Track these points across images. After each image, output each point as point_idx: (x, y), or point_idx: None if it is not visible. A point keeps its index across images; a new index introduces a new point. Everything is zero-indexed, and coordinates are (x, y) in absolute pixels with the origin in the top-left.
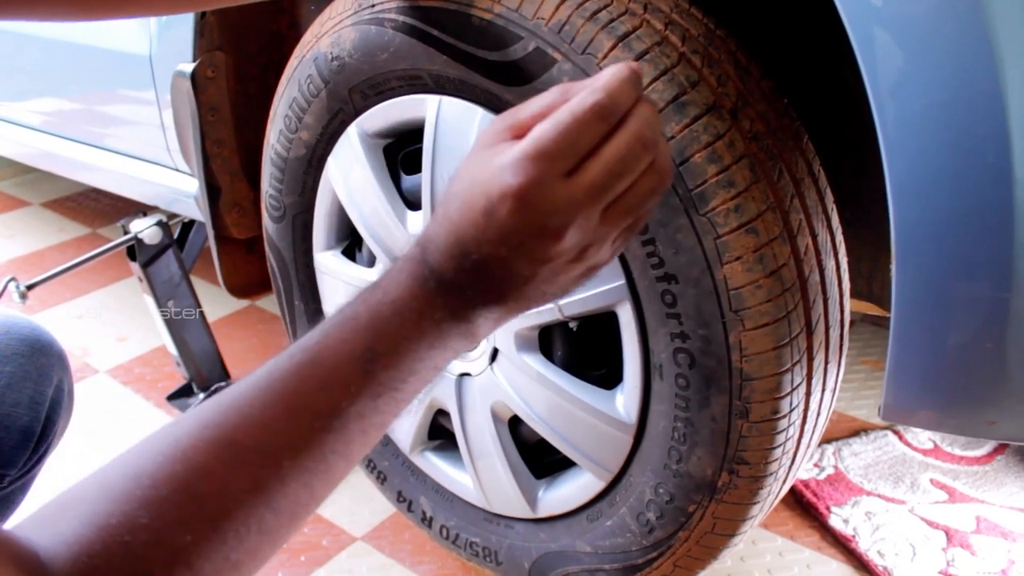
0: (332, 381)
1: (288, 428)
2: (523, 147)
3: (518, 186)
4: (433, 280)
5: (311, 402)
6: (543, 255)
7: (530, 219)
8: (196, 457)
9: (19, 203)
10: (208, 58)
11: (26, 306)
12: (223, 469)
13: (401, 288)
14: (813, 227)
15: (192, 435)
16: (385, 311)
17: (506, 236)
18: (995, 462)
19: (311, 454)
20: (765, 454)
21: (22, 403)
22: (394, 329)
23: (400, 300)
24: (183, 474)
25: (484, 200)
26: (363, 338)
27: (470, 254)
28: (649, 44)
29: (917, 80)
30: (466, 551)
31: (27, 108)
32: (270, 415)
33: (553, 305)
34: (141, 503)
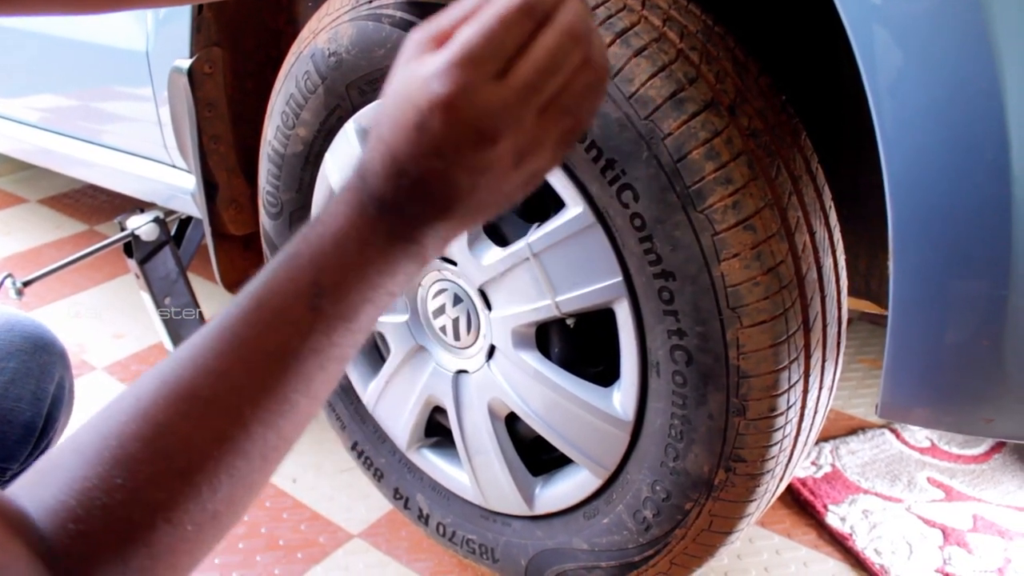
0: (281, 322)
1: (244, 374)
2: (448, 54)
3: (447, 94)
4: (373, 205)
5: (263, 345)
6: (481, 163)
7: (463, 127)
8: (157, 414)
9: (16, 200)
10: (205, 54)
11: (23, 303)
12: (185, 423)
13: (341, 219)
14: (811, 224)
15: (152, 392)
16: (327, 245)
17: (441, 147)
18: (992, 460)
19: (272, 396)
20: (762, 452)
21: (24, 399)
22: (337, 262)
23: (341, 231)
24: (147, 432)
25: (414, 114)
26: (307, 275)
27: (407, 172)
28: (647, 40)
29: (915, 77)
30: (463, 548)
31: (24, 104)
32: (225, 363)
33: (550, 302)
34: (113, 463)
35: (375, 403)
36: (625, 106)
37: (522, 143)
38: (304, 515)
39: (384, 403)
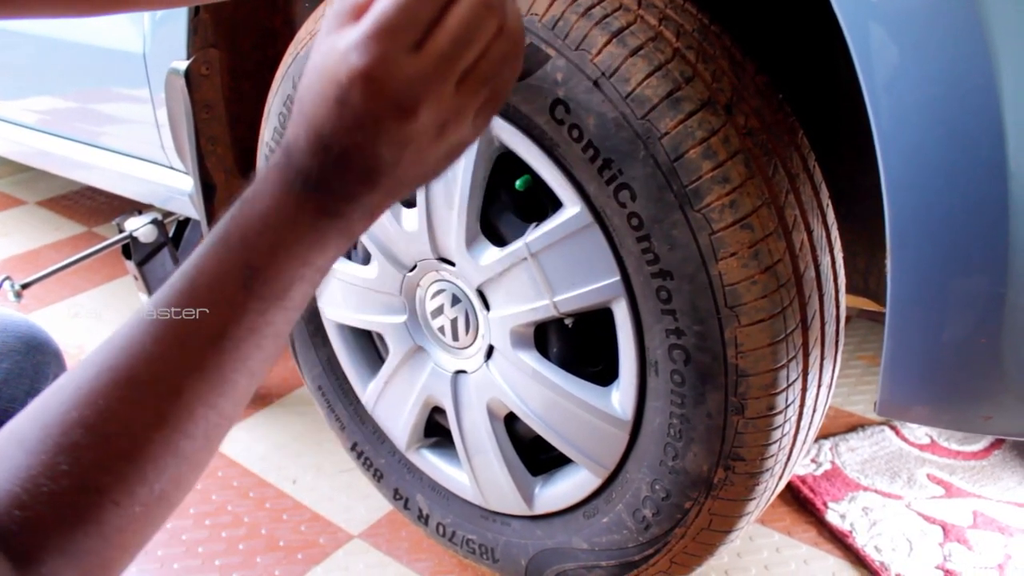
0: (214, 303)
1: (180, 356)
2: (364, 26)
3: (364, 66)
4: (299, 182)
5: (198, 327)
6: (403, 135)
7: (382, 99)
8: (98, 400)
9: (14, 202)
10: (202, 55)
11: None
12: (126, 407)
13: (267, 198)
14: (808, 223)
15: (91, 379)
16: (256, 224)
17: (362, 120)
18: (992, 457)
19: (210, 377)
20: (761, 450)
21: (19, 399)
22: (267, 241)
23: (269, 210)
24: (90, 417)
25: (334, 87)
26: (238, 256)
27: (331, 147)
28: (643, 40)
29: (911, 75)
30: (463, 548)
31: (22, 106)
32: (161, 347)
33: (548, 302)
34: (56, 450)
35: (374, 404)
36: (622, 105)
37: (442, 114)
38: (304, 516)
39: (383, 404)
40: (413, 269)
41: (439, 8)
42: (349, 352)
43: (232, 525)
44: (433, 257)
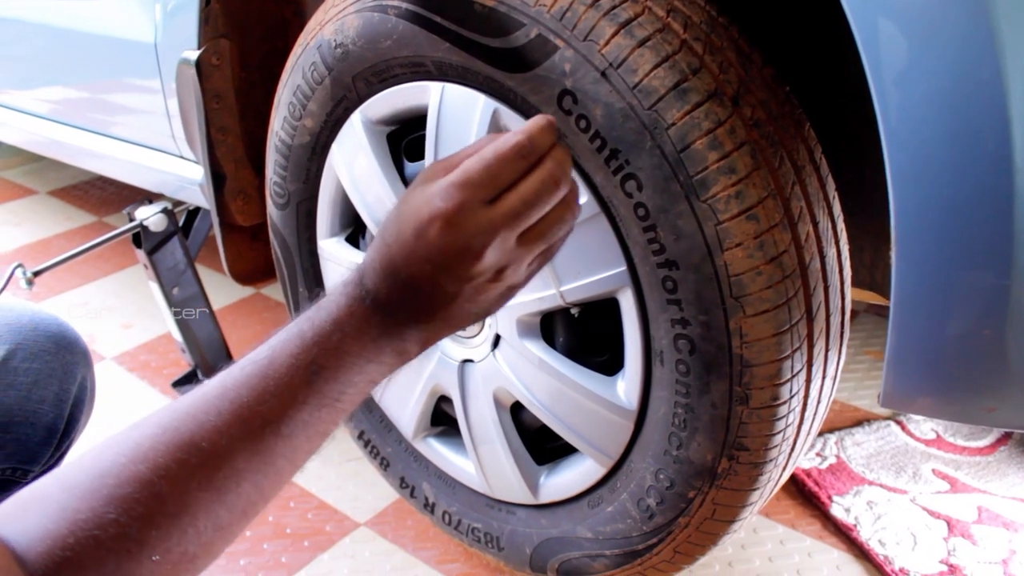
0: (281, 391)
1: (241, 433)
2: (451, 177)
3: (445, 209)
4: (368, 299)
5: (262, 410)
6: (466, 273)
7: (455, 239)
8: (157, 459)
9: (26, 191)
10: (213, 46)
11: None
12: (182, 470)
13: (341, 308)
14: (814, 214)
15: (153, 438)
16: (328, 328)
17: (433, 254)
18: (998, 452)
19: (262, 458)
20: (765, 440)
21: (48, 400)
22: (335, 344)
23: (341, 319)
24: (146, 474)
25: (415, 222)
26: (309, 352)
27: (400, 272)
28: (651, 31)
29: (918, 68)
30: (468, 537)
31: (34, 96)
32: (225, 421)
33: (555, 292)
34: (108, 500)
35: (381, 392)
36: (629, 96)
37: (502, 260)
38: (311, 504)
39: (390, 392)
40: None
41: (516, 173)
42: None
43: None
44: None
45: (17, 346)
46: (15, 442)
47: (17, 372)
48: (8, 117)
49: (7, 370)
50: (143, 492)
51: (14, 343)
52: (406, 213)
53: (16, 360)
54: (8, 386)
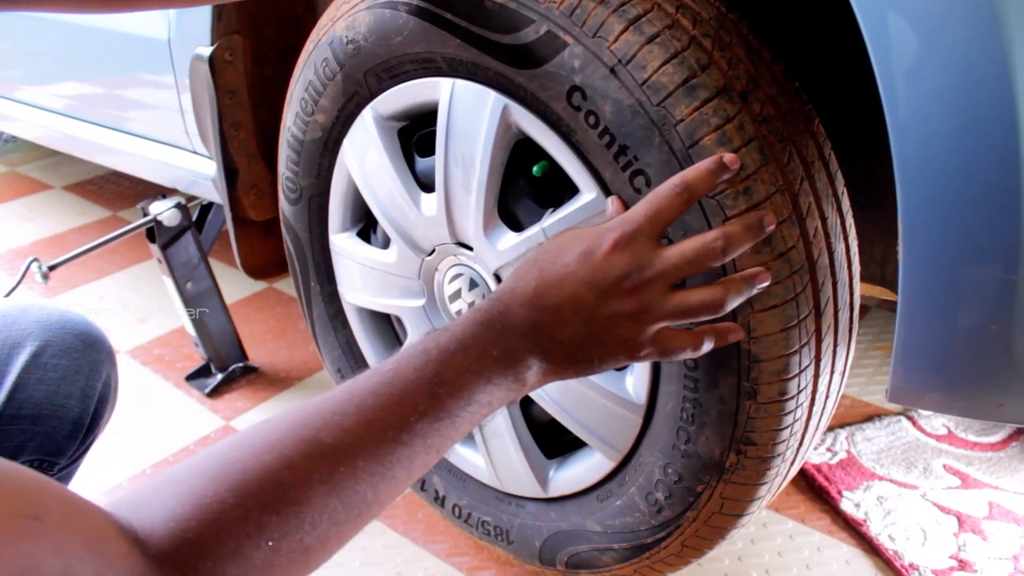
0: (404, 400)
1: (364, 434)
2: (621, 216)
3: (621, 231)
4: (499, 324)
5: (385, 415)
6: (612, 302)
7: (621, 259)
8: (283, 451)
9: (41, 186)
10: (226, 41)
11: (48, 287)
12: (305, 462)
13: (468, 329)
14: (823, 210)
15: (280, 432)
16: (452, 347)
17: (595, 273)
18: (1009, 448)
19: (381, 460)
20: (773, 435)
21: (74, 396)
22: (459, 361)
23: (466, 338)
24: (271, 463)
25: (583, 246)
26: (433, 367)
27: (545, 295)
28: (660, 27)
29: (925, 63)
30: (478, 530)
31: (49, 92)
32: (349, 422)
33: None
34: (232, 487)
35: None
36: (638, 92)
37: (646, 308)
38: None
39: None
40: (431, 253)
41: (677, 212)
42: (368, 335)
43: None
44: (451, 242)
45: (47, 343)
46: (43, 435)
47: (46, 367)
48: (24, 113)
49: (37, 365)
50: (267, 479)
51: (44, 340)
52: (573, 242)
53: (46, 356)
54: (38, 380)
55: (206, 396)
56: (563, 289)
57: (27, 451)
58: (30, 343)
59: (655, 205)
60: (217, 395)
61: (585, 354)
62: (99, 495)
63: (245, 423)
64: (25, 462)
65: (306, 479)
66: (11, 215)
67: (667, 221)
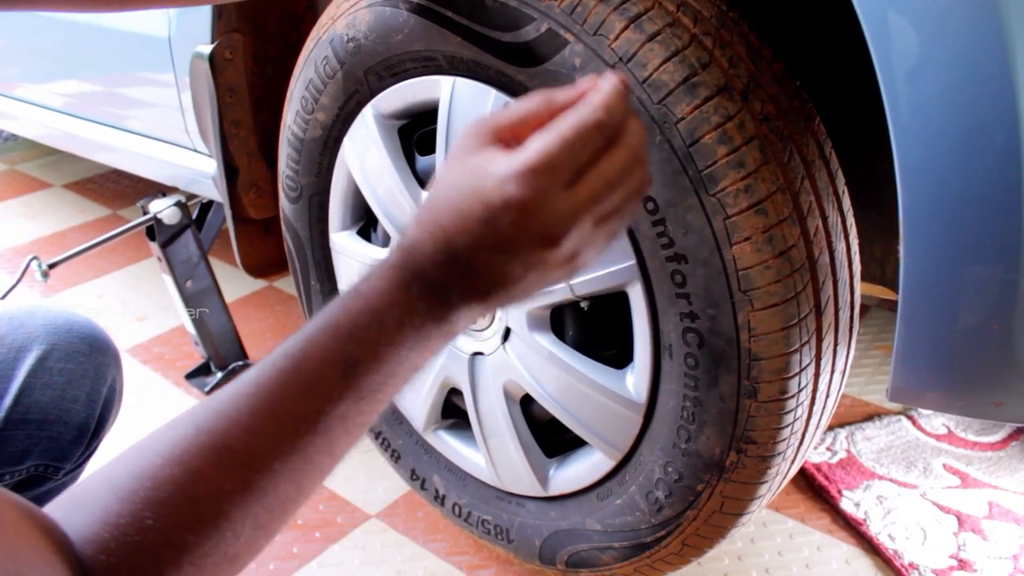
0: (315, 388)
1: (275, 433)
2: (526, 159)
3: (523, 198)
4: (416, 285)
5: (296, 408)
6: (539, 260)
7: (532, 229)
8: (191, 461)
9: (41, 184)
10: (226, 40)
11: (48, 285)
12: (216, 473)
13: (382, 296)
14: (823, 208)
15: (187, 439)
16: (365, 319)
17: (504, 244)
18: (1009, 448)
19: (298, 456)
20: (773, 434)
21: (80, 400)
22: (374, 336)
23: (381, 308)
24: (180, 477)
25: (482, 209)
26: (343, 347)
27: (461, 260)
28: (661, 25)
29: (927, 62)
30: (478, 529)
31: (49, 90)
32: (258, 421)
33: (565, 285)
34: (146, 504)
35: None
36: (638, 90)
37: (578, 245)
38: (322, 495)
39: None
40: None
41: (597, 151)
42: None
43: None
44: None
45: (53, 346)
46: (48, 439)
47: (52, 372)
48: (24, 111)
49: (43, 369)
50: (178, 497)
51: (50, 343)
52: (467, 195)
53: (52, 360)
54: (44, 385)
55: (206, 395)
56: (476, 256)
57: (32, 456)
58: (36, 347)
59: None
60: None
61: (523, 292)
62: None
63: None
64: (30, 467)
65: (219, 492)
66: (11, 213)
67: (583, 167)
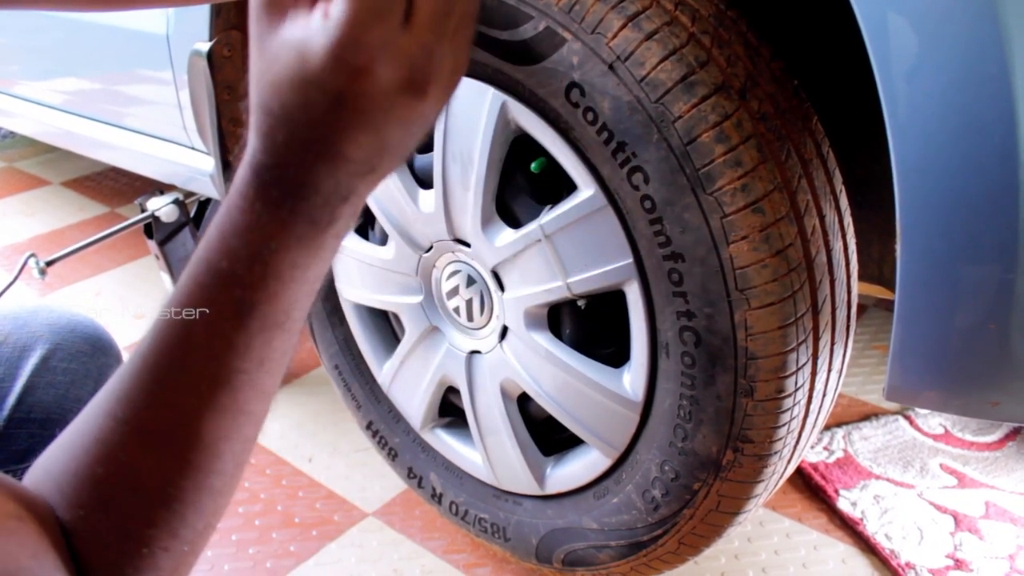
0: (215, 346)
1: (194, 401)
2: (341, 16)
3: (365, 64)
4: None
5: (203, 370)
6: (415, 112)
7: (392, 89)
8: (119, 456)
9: (39, 182)
10: (224, 37)
11: (45, 283)
12: (151, 458)
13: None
14: (821, 208)
15: (109, 432)
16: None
17: (369, 119)
18: (1006, 448)
19: (226, 414)
20: (770, 433)
21: (83, 400)
22: (258, 273)
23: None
24: (117, 473)
25: (323, 95)
26: (230, 294)
27: (315, 152)
28: (659, 24)
29: (925, 62)
30: (475, 527)
31: (47, 87)
32: (170, 394)
33: (562, 284)
34: (95, 504)
35: (390, 383)
36: (636, 89)
37: (439, 71)
38: (320, 493)
39: (398, 383)
40: (429, 250)
41: None
42: (366, 332)
43: (249, 501)
44: (449, 238)
45: (56, 346)
46: (51, 439)
47: (56, 372)
48: (22, 108)
49: (47, 369)
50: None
51: (53, 343)
52: (304, 85)
53: (55, 359)
54: (48, 384)
55: None
56: (335, 146)
57: (35, 455)
58: (40, 346)
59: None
60: None
61: (404, 153)
62: None
63: None
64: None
65: (161, 476)
66: (9, 211)
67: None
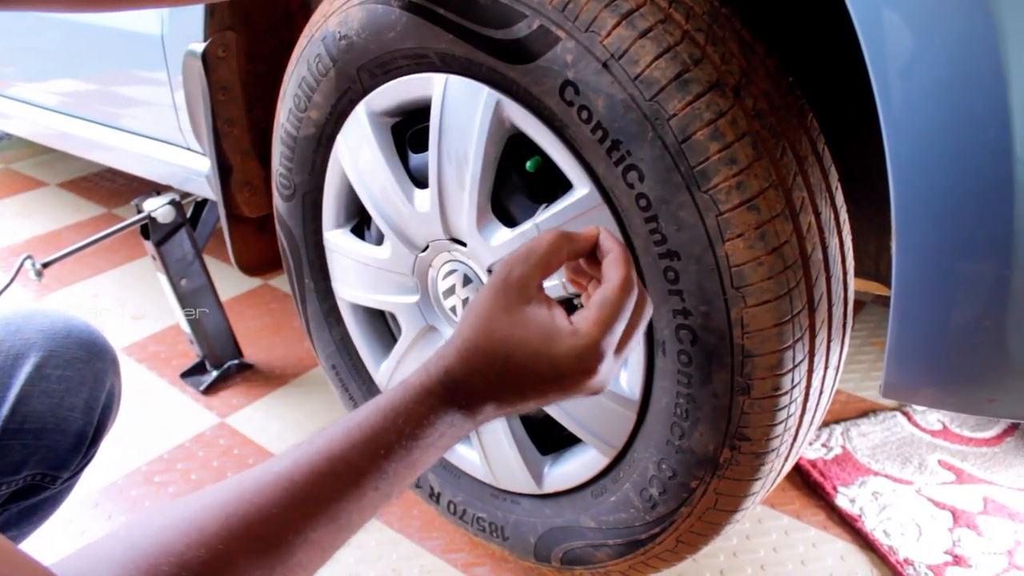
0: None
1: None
2: (592, 341)
3: (590, 369)
4: (460, 418)
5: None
6: (577, 389)
7: (588, 385)
8: (218, 545)
9: (36, 183)
10: (219, 38)
11: (42, 284)
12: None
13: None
14: (816, 205)
15: (217, 524)
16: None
17: (562, 392)
18: (1004, 444)
19: (324, 547)
20: (767, 430)
21: (78, 407)
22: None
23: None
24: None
25: (555, 376)
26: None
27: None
28: (652, 22)
29: (919, 58)
30: (473, 526)
31: (43, 88)
32: (291, 517)
33: (558, 282)
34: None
35: (387, 383)
36: (630, 87)
37: (607, 374)
38: None
39: (396, 382)
40: (425, 249)
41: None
42: (362, 332)
43: None
44: (445, 237)
45: (51, 353)
46: (46, 448)
47: (50, 379)
48: (18, 110)
49: (41, 377)
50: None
51: (48, 350)
52: (542, 363)
53: (49, 367)
54: (42, 393)
55: (201, 393)
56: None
57: (29, 466)
58: (34, 353)
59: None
60: (212, 392)
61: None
62: (94, 493)
63: (240, 420)
64: (27, 476)
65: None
66: (5, 212)
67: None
